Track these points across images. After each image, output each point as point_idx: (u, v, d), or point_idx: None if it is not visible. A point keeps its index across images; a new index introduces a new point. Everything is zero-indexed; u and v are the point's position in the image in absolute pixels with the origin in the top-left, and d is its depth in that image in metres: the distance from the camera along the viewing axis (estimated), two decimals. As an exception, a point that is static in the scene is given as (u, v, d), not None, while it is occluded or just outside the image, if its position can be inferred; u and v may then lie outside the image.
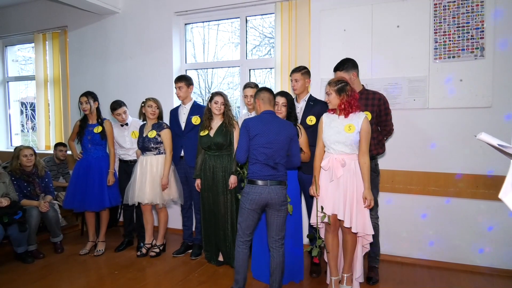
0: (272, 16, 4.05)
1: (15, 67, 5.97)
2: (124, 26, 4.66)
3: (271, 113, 2.66)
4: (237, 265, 2.63)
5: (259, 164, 2.54)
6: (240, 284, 2.62)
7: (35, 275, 3.26)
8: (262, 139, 2.53)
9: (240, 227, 2.62)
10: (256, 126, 2.56)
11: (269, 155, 2.53)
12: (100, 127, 3.70)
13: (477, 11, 3.14)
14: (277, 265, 2.60)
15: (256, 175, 2.55)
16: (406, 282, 3.06)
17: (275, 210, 2.57)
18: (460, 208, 3.27)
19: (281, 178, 2.58)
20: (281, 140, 2.55)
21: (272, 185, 2.53)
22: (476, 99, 3.18)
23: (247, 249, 2.63)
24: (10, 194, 3.53)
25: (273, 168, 2.54)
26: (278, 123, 2.60)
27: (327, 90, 2.64)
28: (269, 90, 2.73)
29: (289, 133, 2.59)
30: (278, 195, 2.53)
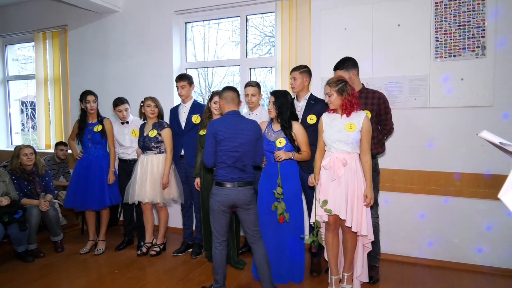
0: (273, 15, 4.04)
1: (15, 66, 5.96)
2: (124, 25, 4.66)
3: (235, 113, 2.66)
4: (215, 265, 2.64)
5: (228, 167, 2.56)
6: (220, 283, 2.65)
7: (36, 274, 3.27)
8: (231, 143, 2.54)
9: (214, 228, 2.64)
10: (223, 129, 2.55)
11: (238, 158, 2.55)
12: (100, 125, 3.70)
13: (478, 10, 3.13)
14: (261, 258, 2.64)
15: (224, 178, 2.56)
16: (406, 281, 3.06)
17: (243, 209, 2.62)
18: (460, 207, 3.27)
19: (249, 179, 2.61)
20: (249, 141, 2.58)
21: (239, 186, 2.56)
22: (477, 98, 3.17)
23: (225, 250, 2.66)
24: (10, 193, 3.53)
25: (242, 170, 2.57)
26: (244, 124, 2.61)
27: (327, 91, 2.62)
28: (232, 89, 2.73)
29: (256, 134, 2.63)
30: (245, 196, 2.58)
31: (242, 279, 3.12)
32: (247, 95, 3.38)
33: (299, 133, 2.86)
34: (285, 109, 2.85)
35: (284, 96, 2.88)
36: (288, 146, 2.85)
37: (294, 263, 2.97)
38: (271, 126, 2.97)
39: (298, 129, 2.87)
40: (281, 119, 2.85)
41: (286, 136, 2.85)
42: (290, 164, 2.90)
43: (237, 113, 2.68)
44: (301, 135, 2.87)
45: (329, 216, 2.64)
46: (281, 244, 2.92)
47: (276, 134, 2.91)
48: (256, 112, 3.42)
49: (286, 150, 2.84)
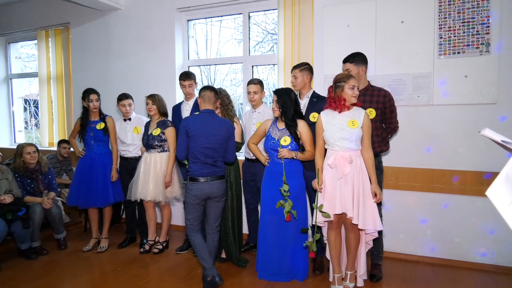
0: (275, 12, 4.02)
1: (18, 64, 5.98)
2: (127, 22, 4.65)
3: (210, 112, 2.80)
4: (199, 251, 2.79)
5: (199, 163, 2.73)
6: (210, 264, 2.77)
7: (39, 271, 3.28)
8: (202, 140, 2.70)
9: (188, 221, 2.85)
10: (195, 126, 2.72)
11: (209, 154, 2.73)
12: (102, 123, 3.70)
13: (483, 6, 3.10)
14: (212, 249, 2.88)
15: (197, 173, 2.74)
16: (409, 279, 3.05)
17: (215, 202, 2.83)
18: (464, 205, 3.25)
19: (221, 173, 2.81)
20: (220, 139, 2.75)
21: (212, 180, 2.76)
22: (481, 95, 3.15)
23: (200, 234, 2.84)
24: (14, 190, 3.54)
25: (213, 165, 2.75)
26: (217, 123, 2.77)
27: (354, 83, 2.58)
28: (210, 89, 2.85)
29: (227, 132, 2.79)
30: (218, 189, 2.79)
31: (244, 277, 3.12)
32: (249, 93, 3.38)
33: (303, 132, 2.85)
34: (288, 107, 2.83)
35: (287, 94, 2.86)
36: (293, 144, 2.84)
37: (298, 261, 2.97)
38: (276, 124, 2.96)
39: (303, 128, 2.86)
40: (285, 117, 2.84)
41: (291, 134, 2.84)
42: (294, 162, 2.89)
43: (212, 112, 2.82)
44: (305, 133, 2.85)
45: (333, 215, 2.63)
46: (284, 242, 2.92)
47: (280, 132, 2.89)
48: (259, 110, 3.42)
49: (291, 148, 2.83)
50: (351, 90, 2.57)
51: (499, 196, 0.89)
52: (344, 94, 2.58)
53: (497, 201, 0.88)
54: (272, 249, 2.93)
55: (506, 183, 0.90)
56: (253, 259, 3.41)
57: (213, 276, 2.76)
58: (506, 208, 0.88)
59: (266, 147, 2.97)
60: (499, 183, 0.90)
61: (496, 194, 0.89)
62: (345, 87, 2.58)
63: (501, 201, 0.88)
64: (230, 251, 3.31)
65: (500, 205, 0.89)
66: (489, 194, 0.89)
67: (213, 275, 2.76)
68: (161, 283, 3.01)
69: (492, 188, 0.90)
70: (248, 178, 3.49)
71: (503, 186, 0.90)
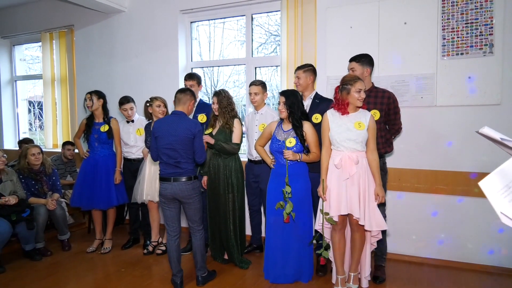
0: (278, 14, 4.03)
1: (22, 66, 6.02)
2: (130, 24, 4.67)
3: (178, 113, 2.86)
4: (168, 256, 2.89)
5: (163, 163, 2.82)
6: (175, 271, 2.88)
7: (43, 272, 3.30)
8: (163, 141, 2.77)
9: (164, 221, 2.93)
10: (159, 128, 2.81)
11: (170, 155, 2.77)
12: (106, 125, 3.72)
13: (486, 7, 3.10)
14: (197, 248, 2.95)
15: (162, 173, 2.84)
16: (413, 281, 3.04)
17: (184, 203, 2.87)
18: (468, 207, 3.23)
19: (185, 174, 2.80)
20: (180, 140, 2.75)
21: (175, 181, 2.78)
22: (485, 97, 3.14)
23: (175, 241, 2.89)
24: (18, 192, 3.56)
25: (175, 166, 2.78)
26: (180, 123, 2.78)
27: (361, 87, 2.56)
28: (183, 91, 2.92)
29: (189, 132, 2.77)
30: (181, 190, 2.79)
31: (247, 278, 3.12)
32: (250, 94, 3.38)
33: (309, 133, 2.85)
34: (296, 109, 2.84)
35: (294, 95, 2.88)
36: (298, 146, 2.84)
37: (302, 263, 2.96)
38: (281, 126, 2.96)
39: (308, 129, 2.86)
40: (293, 118, 2.85)
41: (297, 135, 2.84)
42: (299, 164, 2.89)
43: (181, 113, 2.86)
44: (311, 135, 2.85)
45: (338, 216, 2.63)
46: (288, 244, 2.91)
47: (286, 134, 2.90)
48: (262, 111, 3.42)
49: (296, 150, 2.83)
50: (357, 93, 2.56)
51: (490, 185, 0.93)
52: (350, 97, 2.58)
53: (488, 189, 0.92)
54: (276, 250, 2.94)
55: (499, 175, 0.93)
56: (256, 260, 3.42)
57: (175, 282, 2.89)
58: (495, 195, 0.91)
59: (271, 149, 2.98)
60: (493, 174, 0.94)
61: (488, 184, 0.93)
62: (351, 90, 2.57)
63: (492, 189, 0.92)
64: (232, 253, 3.31)
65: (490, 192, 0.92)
66: (481, 184, 0.92)
67: (175, 280, 2.89)
68: (164, 284, 3.02)
69: (486, 179, 0.93)
70: (251, 179, 3.49)
71: (496, 177, 0.93)
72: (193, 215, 2.92)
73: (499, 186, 0.92)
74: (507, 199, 0.88)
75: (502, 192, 0.90)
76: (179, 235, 2.95)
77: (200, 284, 2.96)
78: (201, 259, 2.96)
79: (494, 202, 0.90)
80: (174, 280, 2.90)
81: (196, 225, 2.95)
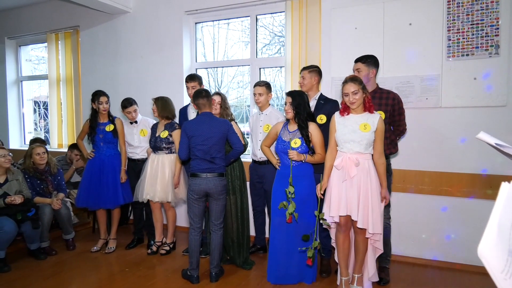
0: (282, 15, 4.03)
1: (28, 66, 6.06)
2: (135, 25, 4.70)
3: (207, 114, 3.03)
4: (190, 249, 3.02)
5: (198, 159, 2.95)
6: (194, 266, 3.01)
7: (48, 272, 3.31)
8: (199, 138, 2.93)
9: (189, 216, 3.03)
10: (193, 127, 2.97)
11: (206, 151, 2.92)
12: (111, 125, 3.73)
13: (492, 8, 3.08)
14: (216, 246, 3.04)
15: (195, 169, 2.96)
16: (417, 283, 3.02)
17: (214, 199, 2.98)
18: (473, 208, 3.21)
19: (218, 170, 2.97)
20: (215, 137, 2.94)
21: (209, 177, 2.92)
22: (490, 98, 3.12)
23: (199, 235, 3.04)
24: (24, 191, 3.58)
25: (210, 162, 2.93)
26: (212, 122, 2.98)
27: (353, 89, 2.53)
28: (201, 96, 3.01)
29: (222, 130, 2.98)
30: (215, 186, 2.94)
31: (251, 279, 3.12)
32: (255, 95, 3.39)
33: (315, 134, 2.85)
34: (302, 109, 2.85)
35: (301, 96, 2.88)
36: (304, 146, 2.84)
37: (305, 264, 2.96)
38: (286, 127, 2.96)
39: (314, 130, 2.85)
40: (299, 119, 2.85)
41: (302, 136, 2.84)
42: (304, 164, 2.89)
43: (209, 114, 3.04)
44: (316, 136, 2.85)
45: (340, 217, 2.62)
46: (293, 244, 2.91)
47: (291, 134, 2.90)
48: (266, 112, 3.42)
49: (301, 151, 2.83)
50: (345, 96, 2.58)
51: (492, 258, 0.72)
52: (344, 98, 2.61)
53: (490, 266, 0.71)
54: (280, 251, 2.93)
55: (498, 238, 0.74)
56: (260, 261, 3.42)
57: (191, 275, 3.01)
58: (499, 276, 0.70)
59: (277, 150, 2.98)
60: (491, 238, 0.75)
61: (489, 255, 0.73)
62: (342, 94, 2.61)
63: (495, 267, 0.71)
64: (235, 254, 3.32)
65: (493, 271, 0.71)
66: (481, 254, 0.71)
67: (192, 274, 3.00)
68: (167, 284, 3.02)
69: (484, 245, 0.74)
70: (255, 180, 3.49)
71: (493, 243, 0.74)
72: (220, 211, 3.04)
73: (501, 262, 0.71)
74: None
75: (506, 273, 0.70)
76: (201, 231, 3.08)
77: (214, 280, 3.03)
78: (219, 256, 3.06)
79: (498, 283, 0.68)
80: (191, 274, 3.00)
81: (219, 222, 3.05)
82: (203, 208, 3.04)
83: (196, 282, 2.99)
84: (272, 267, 3.00)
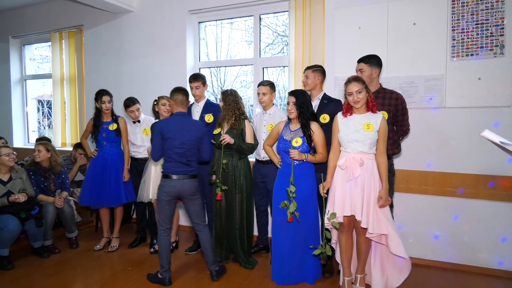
0: (286, 14, 4.03)
1: (32, 65, 6.09)
2: (139, 24, 4.70)
3: (183, 114, 2.98)
4: (161, 251, 2.96)
5: (173, 162, 2.90)
6: (166, 267, 2.97)
7: (51, 270, 3.33)
8: (176, 141, 2.87)
9: (160, 218, 2.98)
10: (170, 128, 2.89)
11: (183, 154, 2.89)
12: (115, 124, 3.74)
13: (497, 8, 3.06)
14: (205, 244, 3.02)
15: (170, 171, 2.91)
16: (420, 284, 3.01)
17: (188, 200, 2.98)
18: (476, 209, 3.20)
19: (193, 172, 2.96)
20: (192, 140, 2.91)
21: (184, 179, 2.90)
22: (495, 98, 3.10)
23: (169, 236, 3.00)
24: (27, 189, 3.59)
25: (186, 164, 2.91)
26: (189, 124, 2.95)
27: (357, 88, 2.53)
28: (180, 91, 3.00)
29: (199, 133, 2.96)
30: (189, 187, 2.93)
31: (254, 278, 3.12)
32: (258, 94, 3.39)
33: (316, 134, 2.84)
34: (305, 109, 2.84)
35: (303, 95, 2.88)
36: (305, 146, 2.83)
37: (307, 264, 2.95)
38: (288, 126, 2.96)
39: (316, 130, 2.85)
40: (302, 118, 2.85)
41: (304, 135, 2.83)
42: (306, 164, 2.89)
43: (184, 114, 3.01)
44: (318, 136, 2.84)
45: (344, 217, 2.62)
46: (294, 244, 2.91)
47: (293, 134, 2.89)
48: (270, 111, 3.42)
49: (302, 150, 2.83)
50: (349, 96, 2.57)
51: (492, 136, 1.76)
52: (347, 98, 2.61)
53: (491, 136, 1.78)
54: (283, 251, 2.93)
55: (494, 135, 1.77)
56: (263, 261, 3.41)
57: (163, 278, 2.96)
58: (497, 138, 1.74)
59: (278, 149, 2.98)
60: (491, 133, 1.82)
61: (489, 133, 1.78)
62: (345, 93, 2.61)
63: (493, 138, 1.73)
64: (238, 253, 3.32)
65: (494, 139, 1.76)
66: (482, 134, 1.87)
67: (165, 277, 2.96)
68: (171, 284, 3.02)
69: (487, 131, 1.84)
70: (259, 179, 3.48)
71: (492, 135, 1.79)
72: (199, 210, 3.04)
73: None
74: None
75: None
76: (171, 232, 3.07)
77: (215, 278, 3.02)
78: (213, 253, 3.05)
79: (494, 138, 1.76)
80: (164, 276, 2.96)
81: (202, 221, 3.05)
82: (173, 210, 3.02)
83: (168, 284, 2.94)
84: (276, 267, 3.00)
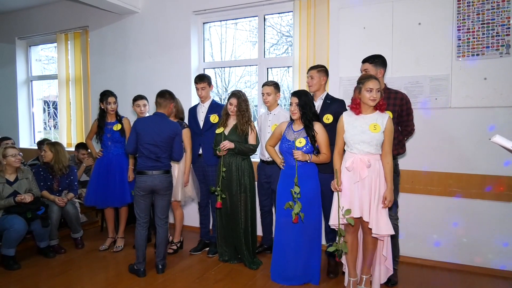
0: (290, 15, 4.02)
1: (38, 66, 6.14)
2: (144, 25, 4.72)
3: (160, 115, 3.16)
4: (137, 244, 3.14)
5: (143, 157, 3.08)
6: (140, 260, 3.13)
7: (57, 270, 3.35)
8: (146, 137, 3.05)
9: (136, 212, 3.15)
10: (143, 125, 3.10)
11: (152, 150, 3.05)
12: (119, 124, 3.77)
13: (503, 7, 3.05)
14: (162, 240, 3.20)
15: (141, 166, 3.09)
16: (425, 284, 3.00)
17: (160, 195, 3.14)
18: (482, 210, 3.18)
19: (164, 168, 3.11)
20: (162, 140, 3.06)
21: (155, 174, 3.06)
22: (501, 98, 3.09)
23: (145, 230, 3.18)
24: (33, 190, 3.62)
25: (156, 160, 3.07)
26: (162, 125, 3.10)
27: (378, 86, 2.50)
28: (163, 96, 3.18)
29: (171, 133, 3.10)
30: (161, 182, 3.09)
31: (257, 279, 3.11)
32: (263, 94, 3.39)
33: (320, 134, 2.83)
34: (308, 109, 2.84)
35: (306, 96, 2.87)
36: (308, 146, 2.83)
37: (311, 264, 2.95)
38: (291, 127, 2.96)
39: (319, 130, 2.84)
40: (305, 119, 2.84)
41: (307, 136, 2.83)
42: (309, 164, 2.88)
43: (162, 115, 3.17)
44: (322, 136, 2.84)
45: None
46: (299, 245, 2.90)
47: (296, 134, 2.89)
48: (275, 112, 3.42)
49: (306, 150, 2.82)
50: (368, 92, 2.51)
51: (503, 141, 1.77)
52: (361, 96, 2.56)
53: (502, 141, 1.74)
54: (286, 251, 2.93)
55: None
56: (267, 261, 3.41)
57: (138, 269, 3.13)
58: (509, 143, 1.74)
59: (281, 149, 2.98)
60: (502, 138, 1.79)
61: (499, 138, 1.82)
62: (362, 89, 2.54)
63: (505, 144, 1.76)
64: (242, 254, 3.32)
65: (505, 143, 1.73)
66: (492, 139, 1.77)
67: (139, 268, 3.13)
68: (175, 284, 3.03)
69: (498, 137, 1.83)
70: (263, 180, 3.49)
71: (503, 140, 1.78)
72: (166, 206, 3.20)
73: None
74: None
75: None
76: (148, 226, 3.23)
77: (161, 272, 3.20)
78: (165, 249, 3.25)
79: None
80: (138, 267, 3.13)
81: (165, 217, 3.22)
82: (149, 204, 3.18)
83: (142, 276, 3.11)
84: (275, 267, 3.00)
